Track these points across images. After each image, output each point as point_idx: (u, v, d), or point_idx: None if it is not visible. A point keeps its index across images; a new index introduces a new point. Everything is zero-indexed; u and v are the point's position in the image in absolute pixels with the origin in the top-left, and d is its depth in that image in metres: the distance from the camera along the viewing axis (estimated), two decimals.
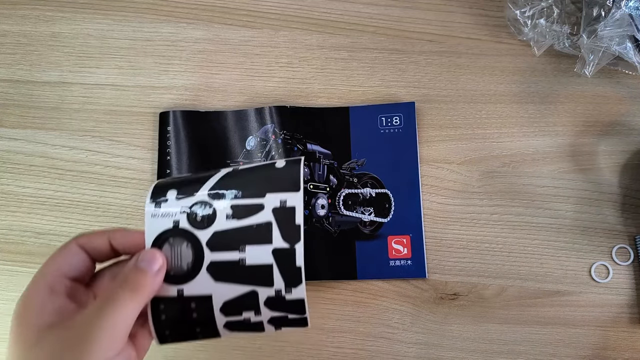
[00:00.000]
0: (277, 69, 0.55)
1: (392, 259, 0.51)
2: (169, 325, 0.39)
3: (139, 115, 0.55)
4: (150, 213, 0.39)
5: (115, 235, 0.39)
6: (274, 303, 0.39)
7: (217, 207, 0.39)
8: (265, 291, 0.39)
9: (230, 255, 0.39)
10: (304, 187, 0.39)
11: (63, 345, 0.33)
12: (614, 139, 0.52)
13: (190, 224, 0.39)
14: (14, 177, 0.54)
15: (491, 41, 0.55)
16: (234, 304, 0.39)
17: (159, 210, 0.39)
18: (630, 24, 0.46)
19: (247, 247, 0.39)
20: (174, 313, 0.39)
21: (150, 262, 0.37)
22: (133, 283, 0.36)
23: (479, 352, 0.50)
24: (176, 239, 0.39)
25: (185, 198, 0.40)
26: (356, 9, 0.56)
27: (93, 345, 0.33)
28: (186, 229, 0.39)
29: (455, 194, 0.52)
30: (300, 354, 0.50)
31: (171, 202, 0.40)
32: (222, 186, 0.41)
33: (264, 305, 0.39)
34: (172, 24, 0.56)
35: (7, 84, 0.56)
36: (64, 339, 0.33)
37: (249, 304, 0.39)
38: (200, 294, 0.39)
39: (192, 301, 0.39)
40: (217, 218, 0.39)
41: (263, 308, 0.39)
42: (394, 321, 0.50)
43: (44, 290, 0.35)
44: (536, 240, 0.51)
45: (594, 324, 0.49)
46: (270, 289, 0.39)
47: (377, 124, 0.53)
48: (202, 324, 0.39)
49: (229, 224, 0.39)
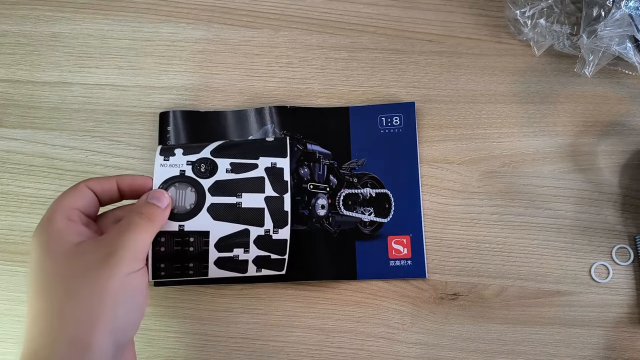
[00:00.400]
0: (277, 69, 0.55)
1: (392, 259, 0.51)
2: (165, 258, 0.45)
3: (139, 115, 0.55)
4: (159, 163, 0.46)
5: (124, 179, 0.44)
6: (262, 241, 0.47)
7: (218, 162, 0.47)
8: (256, 230, 0.47)
9: (228, 199, 0.46)
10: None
11: (95, 258, 0.38)
12: (614, 139, 0.52)
13: (195, 174, 0.47)
14: (14, 177, 0.54)
15: (491, 41, 0.55)
16: (227, 240, 0.46)
17: (167, 161, 0.47)
18: (630, 24, 0.46)
19: (243, 194, 0.47)
20: (172, 246, 0.45)
21: (160, 198, 0.44)
22: (148, 214, 0.42)
23: (479, 352, 0.50)
24: (182, 184, 0.46)
25: (190, 155, 0.47)
26: (356, 9, 0.56)
27: (121, 258, 0.38)
28: (191, 177, 0.46)
29: (455, 194, 0.52)
30: (300, 354, 0.50)
31: (178, 156, 0.47)
32: (222, 149, 0.48)
33: (253, 243, 0.47)
34: (172, 24, 0.56)
35: (7, 84, 0.56)
36: (94, 253, 0.39)
37: (240, 241, 0.46)
38: (199, 229, 0.46)
39: (191, 235, 0.46)
40: (218, 171, 0.47)
41: (252, 246, 0.47)
42: (394, 321, 0.50)
43: (62, 219, 0.40)
44: (536, 240, 0.51)
45: (594, 324, 0.49)
46: (261, 229, 0.47)
47: (377, 124, 0.53)
48: (196, 259, 0.46)
49: (229, 176, 0.47)
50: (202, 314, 0.51)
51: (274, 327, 0.51)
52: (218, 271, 0.47)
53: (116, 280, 0.38)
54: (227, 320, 0.51)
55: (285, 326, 0.51)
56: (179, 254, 0.46)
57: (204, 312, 0.51)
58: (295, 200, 0.49)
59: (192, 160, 0.47)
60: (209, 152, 0.48)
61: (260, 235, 0.47)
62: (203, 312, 0.51)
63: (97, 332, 0.37)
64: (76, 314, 0.37)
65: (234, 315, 0.51)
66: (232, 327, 0.51)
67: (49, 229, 0.40)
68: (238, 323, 0.51)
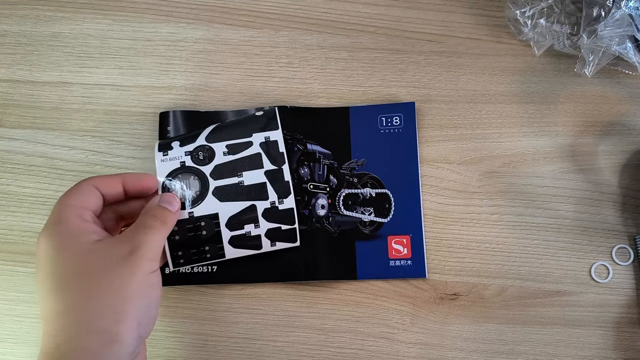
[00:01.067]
0: (277, 69, 0.55)
1: (392, 259, 0.51)
2: (181, 245, 0.48)
3: (139, 115, 0.55)
4: (160, 159, 0.49)
5: (128, 178, 0.45)
6: (270, 214, 0.49)
7: (214, 147, 0.49)
8: (262, 204, 0.49)
9: (230, 180, 0.49)
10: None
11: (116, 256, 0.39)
12: (614, 139, 0.52)
13: (194, 162, 0.49)
14: (14, 177, 0.54)
15: (491, 41, 0.55)
16: (237, 218, 0.49)
17: (167, 156, 0.49)
18: (630, 24, 0.46)
19: (243, 172, 0.49)
20: (185, 232, 0.48)
21: (171, 202, 0.45)
22: (162, 216, 0.44)
23: (479, 352, 0.50)
24: (184, 174, 0.49)
25: (187, 145, 0.49)
26: (356, 9, 0.56)
27: (142, 257, 0.40)
28: (192, 166, 0.49)
29: (455, 194, 0.52)
30: (300, 354, 0.50)
31: (176, 149, 0.49)
32: (216, 133, 0.50)
33: (261, 216, 0.49)
34: (172, 24, 0.56)
35: (7, 84, 0.56)
36: (115, 251, 0.40)
37: (249, 217, 0.49)
38: (208, 212, 0.48)
39: (202, 220, 0.48)
40: (216, 155, 0.49)
41: (261, 220, 0.49)
42: (394, 321, 0.50)
43: (76, 218, 0.41)
44: (536, 240, 0.51)
45: (594, 324, 0.49)
46: (266, 202, 0.49)
47: (377, 124, 0.53)
48: (210, 241, 0.48)
49: (227, 159, 0.49)
50: (202, 314, 0.51)
51: (274, 327, 0.51)
52: (234, 251, 0.49)
53: (138, 277, 0.39)
54: (227, 320, 0.51)
55: (285, 326, 0.51)
56: (194, 240, 0.48)
57: (204, 312, 0.51)
58: (295, 200, 0.49)
59: (190, 150, 0.49)
60: (203, 138, 0.49)
61: (267, 208, 0.49)
62: (203, 312, 0.51)
63: (125, 325, 0.38)
64: (102, 308, 0.38)
65: (234, 315, 0.51)
66: (232, 327, 0.51)
67: (61, 229, 0.40)
68: (238, 323, 0.51)
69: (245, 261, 0.50)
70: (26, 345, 0.51)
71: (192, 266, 0.50)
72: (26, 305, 0.52)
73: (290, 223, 0.49)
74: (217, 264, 0.51)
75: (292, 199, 0.49)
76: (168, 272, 0.50)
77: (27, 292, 0.52)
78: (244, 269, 0.51)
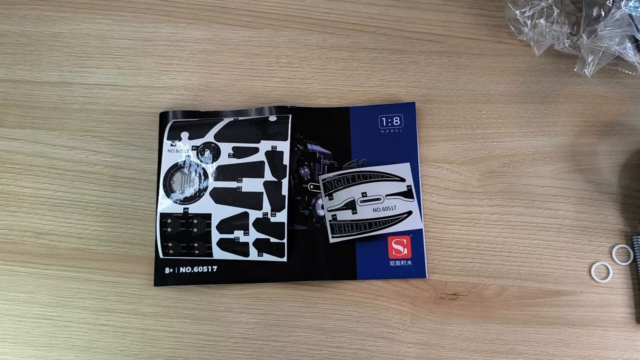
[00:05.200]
0: (277, 69, 0.55)
1: (392, 259, 0.51)
2: (172, 237, 0.50)
3: (139, 115, 0.55)
4: (167, 149, 0.50)
5: None
6: (261, 224, 0.50)
7: (221, 147, 0.51)
8: (255, 213, 0.50)
9: (230, 184, 0.50)
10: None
11: None
12: (614, 139, 0.52)
13: (199, 159, 0.50)
14: (14, 177, 0.54)
15: (491, 41, 0.55)
16: (228, 222, 0.50)
17: (174, 147, 0.51)
18: (630, 24, 0.46)
19: (244, 179, 0.50)
20: (178, 227, 0.50)
21: None
22: None
23: (479, 352, 0.50)
24: (187, 169, 0.50)
25: (195, 139, 0.51)
26: (356, 9, 0.56)
27: None
28: (196, 162, 0.50)
29: (455, 194, 0.52)
30: (300, 354, 0.50)
31: (184, 141, 0.51)
32: (226, 131, 0.51)
33: (252, 225, 0.50)
34: (172, 24, 0.56)
35: (7, 84, 0.56)
36: None
37: (240, 223, 0.50)
38: (202, 212, 0.50)
39: (195, 218, 0.50)
40: (221, 155, 0.50)
41: (251, 228, 0.50)
42: (394, 321, 0.50)
43: None
44: (536, 240, 0.51)
45: (594, 324, 0.49)
46: (259, 212, 0.50)
47: (377, 124, 0.53)
48: (200, 239, 0.50)
49: (231, 161, 0.50)
50: (202, 314, 0.51)
51: (274, 327, 0.51)
52: (222, 253, 0.50)
53: None
54: (227, 320, 0.51)
55: (285, 326, 0.51)
56: (185, 235, 0.50)
57: (204, 312, 0.51)
58: (295, 200, 0.49)
59: (197, 145, 0.50)
60: (212, 135, 0.51)
61: (258, 218, 0.50)
62: (203, 312, 0.51)
63: None
64: None
65: (234, 315, 0.51)
66: (232, 327, 0.51)
67: None
68: (238, 323, 0.51)
69: (245, 261, 0.50)
70: (26, 345, 0.51)
71: (192, 266, 0.50)
72: (26, 305, 0.52)
73: (279, 237, 0.50)
74: (217, 264, 0.51)
75: (285, 213, 0.50)
76: (168, 272, 0.50)
77: (27, 292, 0.52)
78: (244, 269, 0.51)
